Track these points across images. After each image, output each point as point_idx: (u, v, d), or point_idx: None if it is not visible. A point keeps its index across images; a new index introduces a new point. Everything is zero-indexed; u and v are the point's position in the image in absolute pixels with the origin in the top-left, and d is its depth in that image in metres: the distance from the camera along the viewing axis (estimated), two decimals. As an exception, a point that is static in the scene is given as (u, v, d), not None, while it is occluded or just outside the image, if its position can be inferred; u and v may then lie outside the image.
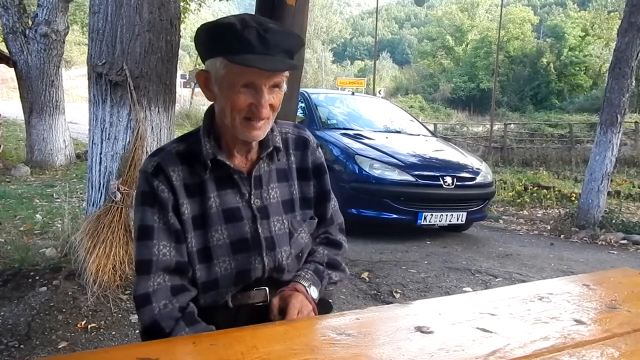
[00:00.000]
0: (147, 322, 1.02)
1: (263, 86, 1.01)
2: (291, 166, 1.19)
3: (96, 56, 2.94)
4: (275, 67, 0.99)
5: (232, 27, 0.97)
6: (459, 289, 3.42)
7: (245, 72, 0.98)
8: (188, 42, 19.50)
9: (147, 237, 1.05)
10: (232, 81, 1.00)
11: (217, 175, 1.10)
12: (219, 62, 1.00)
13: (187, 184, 1.08)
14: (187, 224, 1.08)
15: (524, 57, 41.15)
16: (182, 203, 1.07)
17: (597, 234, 5.52)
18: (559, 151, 15.15)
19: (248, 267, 1.11)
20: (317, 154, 1.24)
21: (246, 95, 1.01)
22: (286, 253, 1.15)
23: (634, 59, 5.57)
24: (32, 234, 4.08)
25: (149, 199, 1.06)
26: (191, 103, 21.30)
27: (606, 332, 0.91)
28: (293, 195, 1.19)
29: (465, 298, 1.11)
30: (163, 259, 1.04)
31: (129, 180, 2.94)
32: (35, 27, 7.58)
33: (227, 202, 1.10)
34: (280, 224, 1.15)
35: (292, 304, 1.08)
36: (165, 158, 1.09)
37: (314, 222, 1.23)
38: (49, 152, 7.97)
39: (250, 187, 1.12)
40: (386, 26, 73.47)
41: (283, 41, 0.99)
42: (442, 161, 5.22)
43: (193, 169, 1.09)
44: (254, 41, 0.96)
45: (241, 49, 0.96)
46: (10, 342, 2.36)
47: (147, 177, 1.07)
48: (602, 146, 5.72)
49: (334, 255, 1.27)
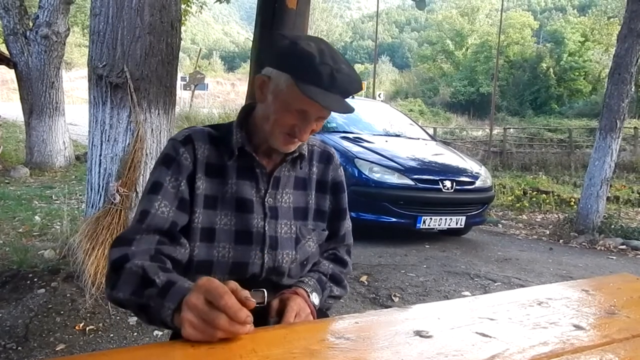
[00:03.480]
0: (115, 256, 1.00)
1: (313, 116, 1.07)
2: (312, 177, 1.23)
3: (97, 58, 2.94)
4: (333, 107, 1.03)
5: (311, 58, 1.01)
6: (458, 293, 3.41)
7: (305, 100, 1.02)
8: (188, 44, 19.55)
9: (154, 191, 1.08)
10: (289, 100, 1.05)
11: (240, 164, 1.13)
12: (285, 78, 1.04)
13: (209, 163, 1.12)
14: (199, 199, 1.10)
15: (524, 61, 41.25)
16: (199, 177, 1.10)
17: (596, 239, 5.52)
18: (559, 156, 15.19)
19: (246, 260, 1.12)
20: (338, 171, 1.28)
21: (295, 117, 1.06)
22: (289, 257, 1.16)
23: (634, 65, 5.58)
24: (30, 236, 4.08)
25: (169, 161, 1.10)
26: (191, 105, 21.32)
27: (605, 337, 0.91)
28: (308, 205, 1.22)
29: (464, 302, 1.10)
30: (160, 215, 1.06)
31: (128, 182, 2.94)
32: (36, 29, 7.60)
33: (242, 192, 1.13)
34: (288, 227, 1.17)
35: (291, 306, 1.08)
36: (196, 133, 1.14)
37: (325, 233, 1.25)
38: (48, 153, 7.98)
39: (268, 185, 1.15)
40: (386, 30, 73.70)
41: (347, 84, 1.04)
42: (441, 165, 5.23)
43: (219, 152, 1.13)
44: (324, 77, 1.01)
45: (311, 80, 1.00)
46: (8, 344, 2.36)
47: (175, 143, 1.11)
48: (601, 151, 5.73)
49: (338, 271, 1.29)
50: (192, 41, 65.01)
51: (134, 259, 0.98)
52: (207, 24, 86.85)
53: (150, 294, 0.91)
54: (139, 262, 0.97)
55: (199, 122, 18.50)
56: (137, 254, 1.00)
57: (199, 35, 77.94)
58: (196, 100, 23.87)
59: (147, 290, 0.91)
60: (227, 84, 41.09)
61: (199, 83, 22.30)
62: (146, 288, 0.92)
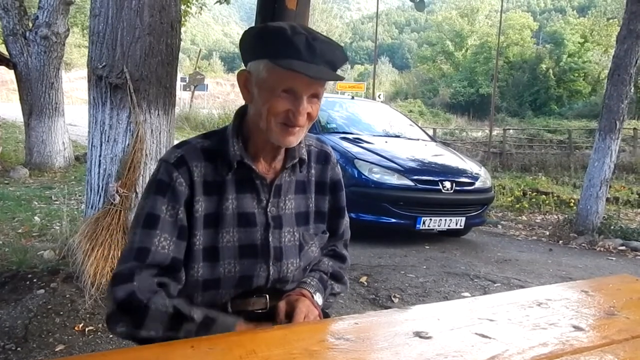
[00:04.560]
0: (122, 295, 0.97)
1: (303, 94, 1.00)
2: (310, 179, 1.20)
3: (96, 59, 2.94)
4: (320, 75, 0.99)
5: (282, 31, 0.97)
6: (458, 294, 3.41)
7: (288, 76, 0.97)
8: (188, 45, 19.56)
9: (150, 225, 1.02)
10: (273, 84, 1.00)
11: (238, 177, 1.09)
12: (262, 64, 1.00)
13: (206, 181, 1.07)
14: (198, 222, 1.06)
15: (524, 62, 41.29)
16: (197, 200, 1.05)
17: (595, 240, 5.52)
18: (558, 157, 15.19)
19: (252, 273, 1.10)
20: (336, 169, 1.25)
21: (285, 101, 1.00)
22: (294, 266, 1.15)
23: (633, 66, 5.59)
24: (30, 236, 4.08)
25: (163, 189, 1.04)
26: (191, 106, 21.32)
27: (604, 338, 0.91)
28: (309, 209, 1.19)
29: (464, 303, 1.11)
30: (161, 252, 1.02)
31: (128, 183, 2.94)
32: (35, 30, 7.59)
33: (243, 206, 1.09)
34: (291, 235, 1.14)
35: (299, 308, 1.08)
36: (189, 152, 1.07)
37: (326, 236, 1.24)
38: (48, 154, 7.96)
39: (270, 195, 1.11)
40: (386, 31, 73.75)
41: (329, 52, 0.99)
42: (441, 166, 5.23)
43: (215, 167, 1.08)
44: (301, 47, 0.96)
45: (288, 54, 0.96)
46: (7, 344, 2.35)
47: (168, 167, 1.05)
48: (600, 152, 5.73)
49: (338, 267, 1.28)
50: (192, 42, 65.00)
51: (142, 295, 0.97)
52: (207, 24, 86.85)
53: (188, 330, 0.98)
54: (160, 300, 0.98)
55: (199, 123, 18.52)
56: (142, 290, 0.98)
57: (199, 36, 77.93)
58: (196, 100, 23.86)
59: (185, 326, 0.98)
60: (227, 84, 41.06)
61: (199, 84, 22.31)
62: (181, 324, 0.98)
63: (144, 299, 0.96)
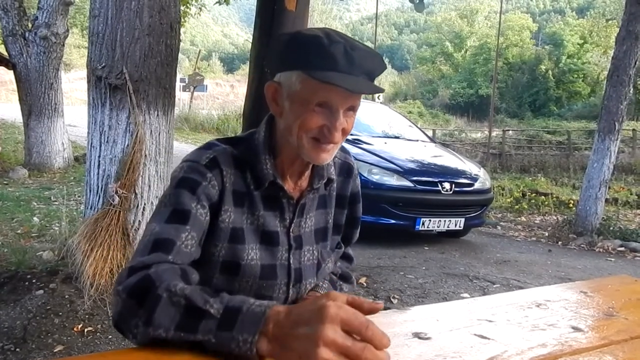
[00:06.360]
0: (133, 281, 0.80)
1: (339, 107, 0.91)
2: (332, 193, 1.13)
3: (96, 59, 2.94)
4: (359, 89, 0.89)
5: (318, 40, 0.88)
6: (457, 295, 3.42)
7: (323, 89, 0.88)
8: (188, 46, 19.55)
9: (180, 220, 0.90)
10: (307, 97, 0.90)
11: (265, 193, 1.01)
12: (295, 75, 0.91)
13: (235, 191, 0.98)
14: (224, 233, 0.97)
15: (523, 64, 41.30)
16: (226, 209, 0.97)
17: (594, 241, 5.53)
18: (557, 158, 15.20)
19: (270, 294, 1.05)
20: (357, 181, 1.20)
21: (320, 116, 0.91)
22: (310, 285, 1.12)
23: (632, 67, 5.60)
24: (29, 237, 4.08)
25: (194, 186, 0.93)
26: (190, 107, 21.29)
27: (603, 339, 0.91)
28: (328, 224, 1.13)
29: (463, 304, 1.11)
30: (184, 250, 0.89)
31: (127, 183, 2.94)
32: (35, 30, 7.59)
33: (268, 224, 1.02)
34: (310, 254, 1.09)
35: None
36: (221, 155, 0.97)
37: (341, 251, 1.21)
38: (47, 154, 7.96)
39: (294, 215, 1.04)
40: (385, 32, 73.78)
41: (368, 62, 0.91)
42: (440, 167, 5.23)
43: (244, 179, 0.99)
44: (339, 58, 0.87)
45: (324, 65, 0.87)
46: (6, 345, 2.35)
47: (199, 167, 0.94)
48: (600, 153, 5.74)
49: (346, 268, 1.28)
50: (192, 43, 65.01)
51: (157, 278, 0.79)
52: (206, 25, 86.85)
53: (207, 328, 0.72)
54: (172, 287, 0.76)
55: (198, 124, 18.52)
56: (158, 274, 0.80)
57: (198, 37, 77.93)
58: (195, 101, 23.84)
59: (202, 324, 0.72)
60: (227, 85, 41.09)
61: (198, 84, 22.28)
62: (198, 321, 0.73)
63: (157, 282, 0.78)
